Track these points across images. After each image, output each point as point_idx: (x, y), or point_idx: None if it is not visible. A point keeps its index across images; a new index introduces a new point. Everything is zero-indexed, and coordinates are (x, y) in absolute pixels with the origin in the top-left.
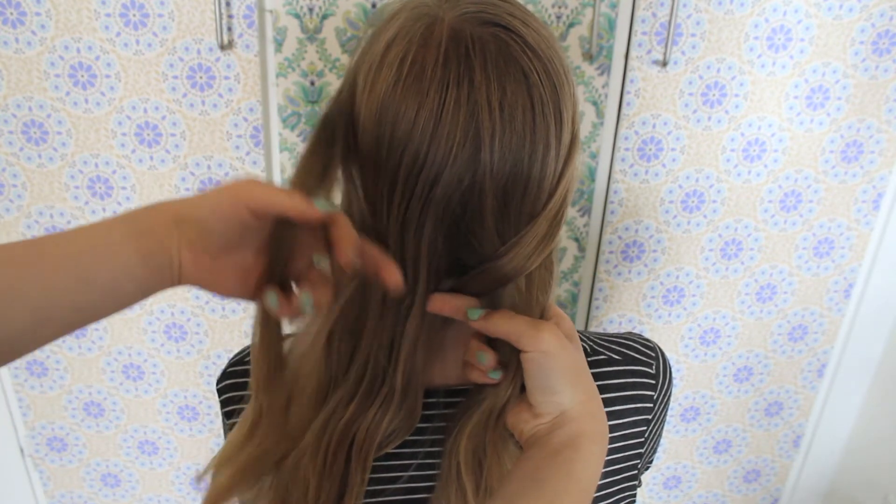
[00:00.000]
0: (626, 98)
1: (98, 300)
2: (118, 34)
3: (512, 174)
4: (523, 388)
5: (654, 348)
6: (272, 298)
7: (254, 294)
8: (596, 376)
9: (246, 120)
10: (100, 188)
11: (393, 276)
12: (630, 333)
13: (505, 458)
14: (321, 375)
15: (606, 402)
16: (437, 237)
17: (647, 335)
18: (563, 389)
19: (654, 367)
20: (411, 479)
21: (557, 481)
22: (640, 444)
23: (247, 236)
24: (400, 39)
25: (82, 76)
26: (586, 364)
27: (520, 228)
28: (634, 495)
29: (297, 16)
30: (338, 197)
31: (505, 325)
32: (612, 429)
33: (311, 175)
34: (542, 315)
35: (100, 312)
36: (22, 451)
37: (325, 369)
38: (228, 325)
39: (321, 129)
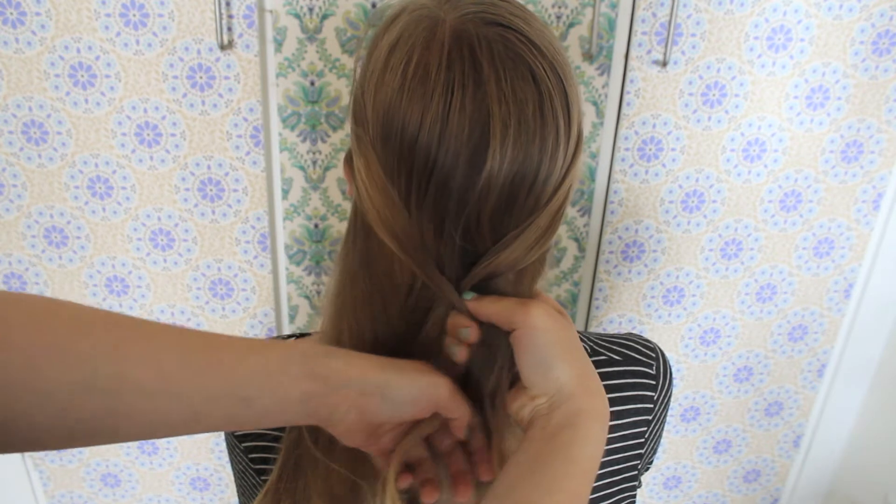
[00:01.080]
0: (626, 98)
1: (250, 417)
2: (118, 34)
3: (520, 171)
4: (517, 378)
5: (654, 349)
6: (407, 483)
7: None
8: None
9: (246, 120)
10: (100, 188)
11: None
12: (630, 334)
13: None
14: None
15: None
16: (451, 236)
17: (647, 335)
18: (558, 364)
19: (654, 367)
20: None
21: (557, 465)
22: (640, 445)
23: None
24: (402, 43)
25: (82, 76)
26: (579, 341)
27: (521, 222)
28: (634, 496)
29: (297, 16)
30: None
31: (493, 306)
32: (612, 429)
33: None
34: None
35: (245, 424)
36: None
37: None
38: (229, 325)
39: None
